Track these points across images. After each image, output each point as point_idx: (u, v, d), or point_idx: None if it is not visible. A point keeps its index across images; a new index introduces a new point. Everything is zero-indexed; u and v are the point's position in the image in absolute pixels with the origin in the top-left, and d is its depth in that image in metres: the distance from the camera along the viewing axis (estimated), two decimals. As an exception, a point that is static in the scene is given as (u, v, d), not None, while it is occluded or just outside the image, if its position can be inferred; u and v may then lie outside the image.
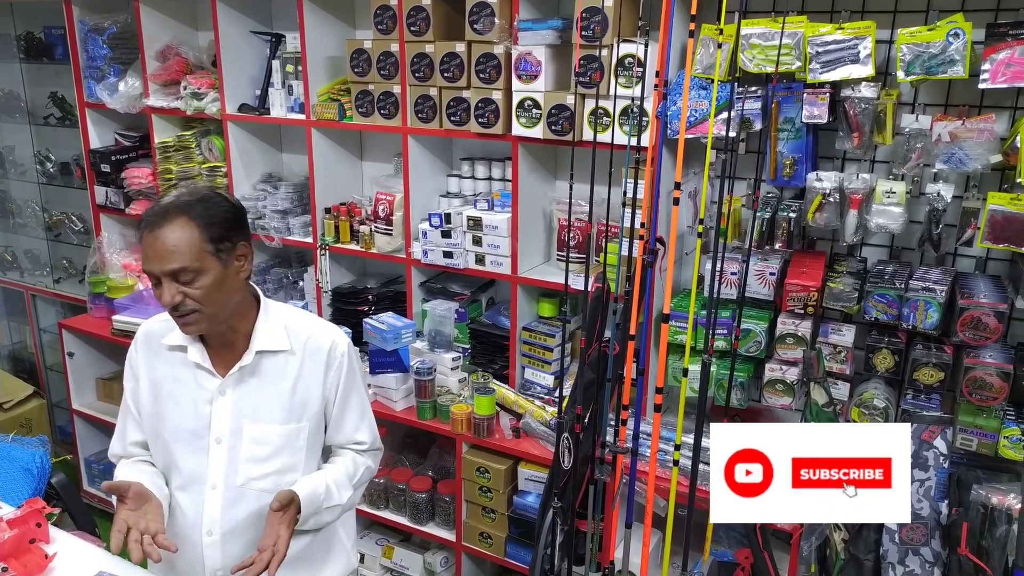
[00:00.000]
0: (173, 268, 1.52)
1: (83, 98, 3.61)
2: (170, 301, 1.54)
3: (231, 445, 1.67)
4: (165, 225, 1.52)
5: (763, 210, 2.31)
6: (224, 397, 1.67)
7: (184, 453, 1.68)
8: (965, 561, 1.92)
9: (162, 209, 1.54)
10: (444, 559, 2.93)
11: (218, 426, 1.67)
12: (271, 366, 1.68)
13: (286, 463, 1.70)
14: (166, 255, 1.51)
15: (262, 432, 1.67)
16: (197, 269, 1.53)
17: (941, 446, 1.98)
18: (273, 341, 1.68)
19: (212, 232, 1.55)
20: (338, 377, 1.73)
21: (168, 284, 1.53)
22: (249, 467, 1.68)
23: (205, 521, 1.68)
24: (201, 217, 1.54)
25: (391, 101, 2.80)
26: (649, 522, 2.27)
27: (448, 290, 2.97)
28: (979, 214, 2.06)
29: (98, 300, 3.67)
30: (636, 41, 2.27)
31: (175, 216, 1.53)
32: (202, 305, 1.56)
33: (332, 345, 1.72)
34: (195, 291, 1.54)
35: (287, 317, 1.73)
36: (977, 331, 2.06)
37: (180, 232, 1.52)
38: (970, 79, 2.00)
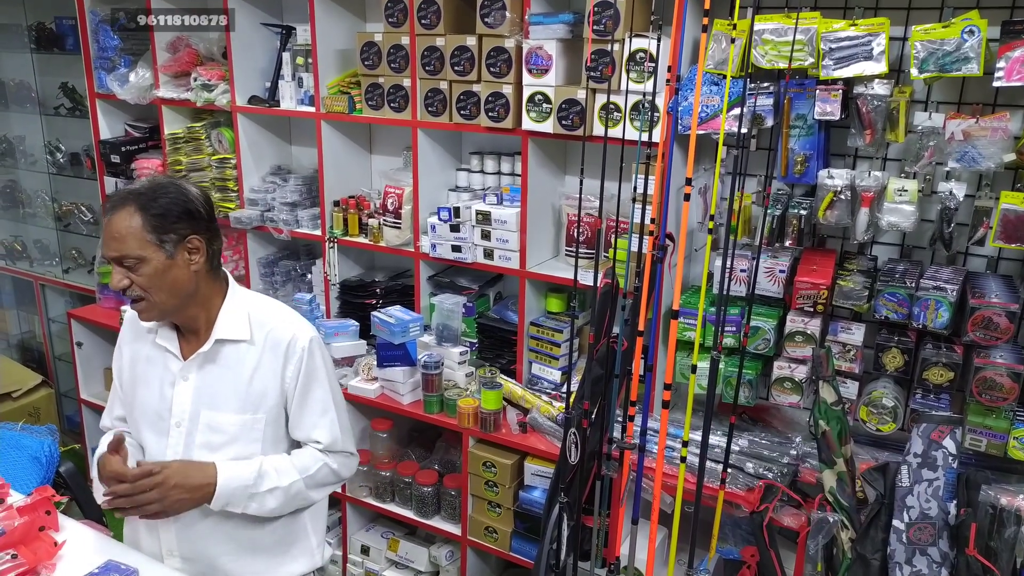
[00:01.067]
0: (116, 255, 1.59)
1: (93, 89, 3.62)
2: (116, 285, 1.61)
3: (188, 430, 1.71)
4: (115, 212, 1.59)
5: (774, 207, 2.30)
6: (186, 382, 1.71)
7: (148, 433, 1.74)
8: (973, 562, 1.91)
9: (118, 196, 1.61)
10: (449, 553, 2.94)
11: (178, 410, 1.71)
12: (231, 355, 1.71)
13: (240, 452, 1.72)
14: (111, 241, 1.59)
15: (217, 420, 1.70)
16: (139, 257, 1.59)
17: (950, 446, 1.97)
18: (233, 330, 1.70)
19: (155, 222, 1.59)
20: (296, 372, 1.73)
21: (116, 269, 1.61)
22: (203, 454, 1.70)
23: None
24: (147, 208, 1.59)
25: (401, 94, 2.80)
26: (655, 518, 2.27)
27: (456, 284, 2.97)
28: (992, 213, 2.04)
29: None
30: (648, 36, 2.26)
31: (124, 204, 1.59)
32: (147, 292, 1.61)
33: (292, 339, 1.72)
34: (139, 278, 1.60)
35: (253, 307, 1.74)
36: (988, 331, 2.05)
37: (126, 220, 1.59)
38: (984, 77, 1.98)
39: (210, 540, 1.74)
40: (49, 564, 1.66)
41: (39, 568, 1.64)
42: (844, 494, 2.10)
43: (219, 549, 1.75)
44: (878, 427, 2.25)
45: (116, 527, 1.94)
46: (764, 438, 2.41)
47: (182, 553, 1.75)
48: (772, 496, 2.21)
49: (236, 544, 1.76)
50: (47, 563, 1.66)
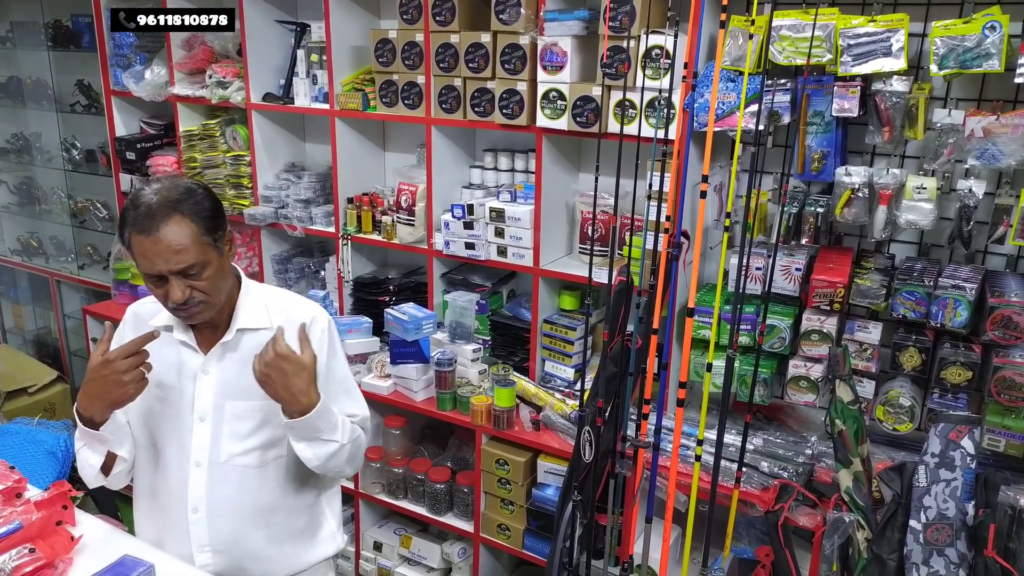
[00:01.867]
0: (182, 267, 1.55)
1: (109, 86, 3.64)
2: (181, 298, 1.57)
3: (214, 422, 1.71)
4: (162, 226, 1.53)
5: (790, 205, 2.28)
6: (207, 376, 1.71)
7: (169, 431, 1.73)
8: (991, 563, 1.89)
9: (150, 210, 1.53)
10: (462, 550, 2.94)
11: (201, 404, 1.71)
12: (252, 343, 1.71)
13: (268, 438, 1.73)
14: (171, 255, 1.53)
15: (243, 408, 1.71)
16: (203, 262, 1.57)
17: (968, 446, 1.95)
18: (254, 319, 1.72)
19: (208, 224, 1.58)
20: (319, 352, 1.74)
21: (177, 282, 1.56)
22: (232, 443, 1.71)
23: (190, 498, 1.72)
24: (195, 212, 1.56)
25: (415, 91, 2.80)
26: (669, 517, 2.26)
27: (469, 281, 2.96)
28: (1012, 211, 2.02)
29: (122, 287, 3.70)
30: (665, 32, 2.25)
31: (168, 214, 1.53)
32: (208, 296, 1.61)
33: (312, 320, 1.75)
34: (202, 283, 1.59)
35: (267, 296, 1.77)
36: (1007, 330, 2.02)
37: (180, 230, 1.54)
38: (1006, 73, 1.96)
39: (241, 531, 1.75)
40: (66, 558, 1.67)
41: (56, 562, 1.65)
42: (860, 494, 2.09)
43: (250, 539, 1.76)
44: (895, 427, 2.24)
45: (131, 523, 1.94)
46: (779, 437, 2.40)
47: (214, 546, 1.74)
48: (787, 495, 2.20)
49: (265, 533, 1.78)
50: (64, 557, 1.67)
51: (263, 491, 1.76)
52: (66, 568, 1.66)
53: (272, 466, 1.76)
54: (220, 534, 1.74)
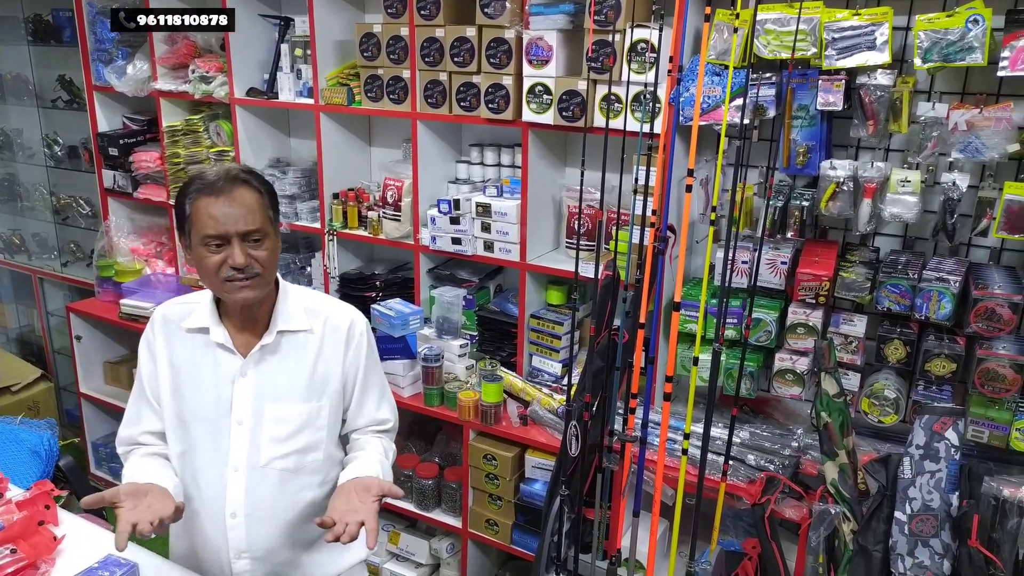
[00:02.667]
0: (249, 228, 1.57)
1: (91, 81, 3.60)
2: (243, 260, 1.56)
3: (253, 426, 1.67)
4: (235, 189, 1.56)
5: (776, 198, 2.28)
6: (245, 378, 1.68)
7: (205, 436, 1.69)
8: (975, 553, 1.91)
9: (219, 177, 1.57)
10: (450, 545, 2.94)
11: (240, 407, 1.67)
12: (291, 345, 1.70)
13: (308, 441, 1.71)
14: (240, 217, 1.56)
15: (283, 411, 1.69)
16: (265, 233, 1.59)
17: (953, 438, 1.96)
18: (294, 321, 1.70)
19: (270, 200, 1.62)
20: (358, 356, 1.75)
21: (240, 245, 1.56)
22: (271, 447, 1.68)
23: (228, 503, 1.68)
24: (263, 185, 1.61)
25: (400, 86, 2.78)
26: (657, 511, 2.27)
27: (456, 277, 2.96)
28: (995, 204, 2.03)
29: (106, 284, 3.67)
30: (650, 26, 2.24)
31: (240, 182, 1.58)
32: (264, 269, 1.60)
33: (351, 324, 1.75)
34: (261, 253, 1.59)
35: (306, 298, 1.76)
36: (991, 322, 2.04)
37: (249, 195, 1.58)
38: (988, 66, 1.97)
39: (279, 535, 1.73)
40: (48, 559, 1.66)
41: (38, 563, 1.64)
42: (846, 486, 2.10)
43: (287, 543, 1.74)
44: (880, 419, 2.25)
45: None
46: (766, 430, 2.41)
47: (252, 552, 1.71)
48: (774, 488, 2.21)
49: (303, 536, 1.76)
50: (46, 558, 1.66)
51: (300, 494, 1.73)
52: (48, 568, 1.64)
53: (307, 469, 1.73)
54: (258, 539, 1.70)
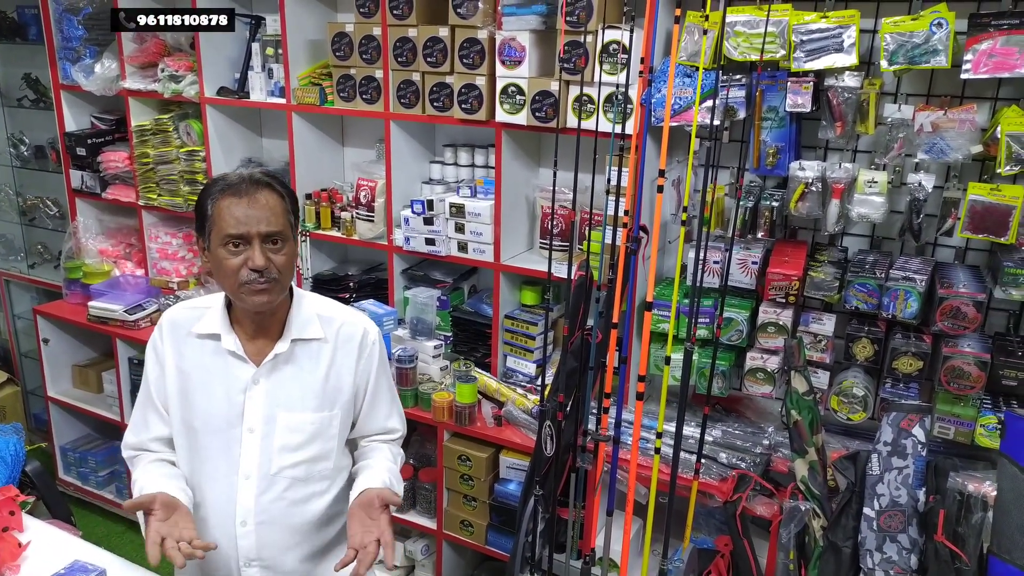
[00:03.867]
0: (272, 230, 1.55)
1: (58, 80, 3.54)
2: (263, 262, 1.54)
3: (264, 434, 1.65)
4: (259, 190, 1.56)
5: (746, 199, 2.31)
6: (257, 386, 1.65)
7: (215, 443, 1.66)
8: (941, 547, 1.94)
9: (243, 179, 1.57)
10: (425, 547, 2.93)
11: (251, 415, 1.65)
12: (305, 354, 1.68)
13: (319, 451, 1.70)
14: (262, 218, 1.55)
15: (296, 420, 1.67)
16: (285, 237, 1.59)
17: (919, 434, 2.00)
18: (308, 329, 1.68)
19: (292, 206, 1.62)
20: (370, 365, 1.74)
21: (260, 246, 1.55)
22: (283, 456, 1.66)
23: (239, 511, 1.66)
24: (284, 189, 1.61)
25: (373, 86, 2.77)
26: (630, 510, 2.28)
27: (430, 277, 2.95)
28: (959, 204, 2.07)
29: (73, 286, 3.61)
30: (621, 27, 2.26)
31: (263, 185, 1.57)
32: (281, 275, 1.59)
33: (364, 333, 1.74)
34: (280, 258, 1.58)
35: (319, 306, 1.74)
36: (956, 320, 2.07)
37: (273, 198, 1.57)
38: (952, 69, 2.01)
39: (290, 543, 1.71)
40: (13, 565, 1.63)
41: (3, 569, 1.61)
42: (816, 483, 2.13)
43: (298, 552, 1.72)
44: (849, 416, 2.28)
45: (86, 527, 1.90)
46: (737, 428, 2.43)
47: (262, 560, 1.69)
48: (745, 486, 2.23)
49: (313, 544, 1.74)
50: (11, 564, 1.63)
51: (310, 502, 1.71)
52: (13, 575, 1.61)
53: (317, 477, 1.71)
54: (268, 547, 1.68)
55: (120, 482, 3.64)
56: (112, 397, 3.54)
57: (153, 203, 3.40)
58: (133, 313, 3.34)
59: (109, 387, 3.57)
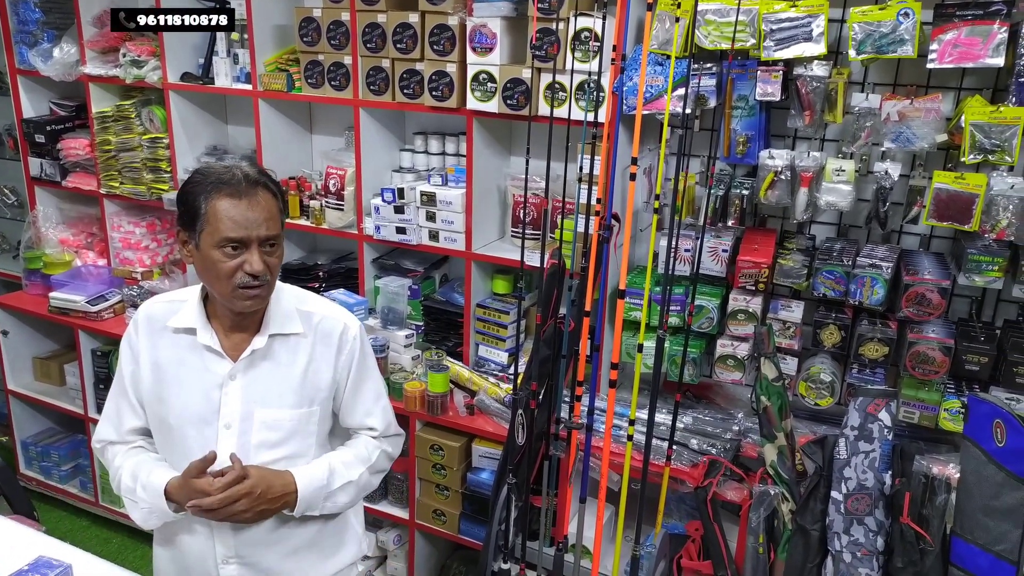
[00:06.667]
0: (271, 234, 1.52)
1: (14, 64, 3.44)
2: (261, 267, 1.51)
3: (241, 431, 1.62)
4: (257, 191, 1.51)
5: (717, 187, 2.32)
6: (234, 382, 1.62)
7: (191, 439, 1.63)
8: (907, 529, 1.98)
9: (246, 177, 1.52)
10: (397, 537, 2.92)
11: (228, 412, 1.62)
12: (283, 349, 1.65)
13: (297, 448, 1.67)
14: (262, 222, 1.51)
15: (274, 417, 1.64)
16: (278, 240, 1.56)
17: (885, 419, 2.03)
18: (286, 324, 1.65)
19: (283, 205, 1.58)
20: (349, 361, 1.71)
21: (258, 251, 1.51)
22: (261, 453, 1.64)
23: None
24: (277, 187, 1.56)
25: (342, 72, 2.73)
26: (603, 497, 2.29)
27: (401, 267, 2.93)
28: (925, 192, 2.10)
29: (34, 276, 3.53)
30: (593, 15, 2.25)
31: (259, 186, 1.52)
32: (272, 278, 1.56)
33: (344, 329, 1.70)
34: (274, 260, 1.56)
35: (298, 300, 1.70)
36: (921, 307, 2.11)
37: (269, 201, 1.53)
38: (919, 59, 2.03)
39: (269, 541, 1.68)
40: (-25, 562, 1.59)
41: (-36, 567, 1.57)
42: (785, 467, 2.16)
43: (278, 549, 1.70)
44: (816, 402, 2.31)
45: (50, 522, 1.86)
46: (708, 415, 2.45)
47: (241, 558, 1.67)
48: (716, 471, 2.25)
49: (293, 542, 1.71)
50: (-27, 562, 1.59)
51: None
52: (-25, 573, 1.57)
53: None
54: (246, 544, 1.67)
55: (84, 476, 3.57)
56: (75, 390, 3.46)
57: (115, 191, 3.32)
58: (95, 304, 3.27)
59: (72, 379, 3.49)
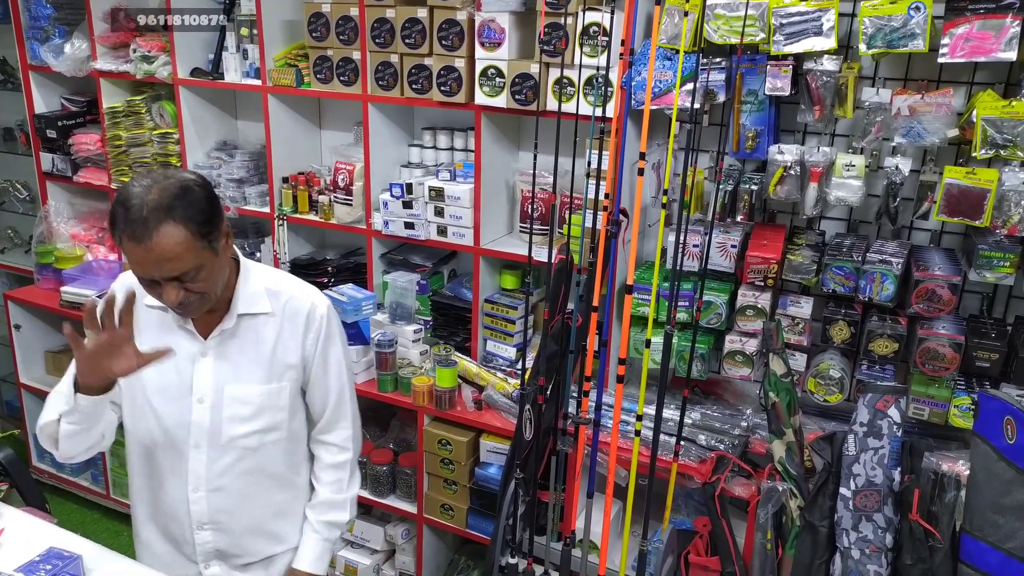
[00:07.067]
0: (176, 275, 1.49)
1: (26, 60, 3.46)
2: (175, 301, 1.51)
3: (213, 405, 1.68)
4: (153, 234, 1.43)
5: (725, 182, 2.31)
6: (206, 358, 1.68)
7: (167, 413, 1.69)
8: (916, 526, 1.97)
9: (142, 217, 1.43)
10: (405, 531, 2.93)
11: (200, 387, 1.68)
12: (251, 328, 1.70)
13: (269, 422, 1.73)
14: (163, 263, 1.46)
15: (244, 392, 1.69)
16: (198, 266, 1.50)
17: (895, 415, 2.03)
18: (254, 304, 1.69)
19: (203, 229, 1.49)
20: (316, 339, 1.75)
21: (171, 286, 1.50)
22: (233, 426, 1.70)
23: (191, 479, 1.71)
24: (188, 217, 1.46)
25: (351, 67, 2.73)
26: (610, 492, 2.29)
27: (409, 262, 2.93)
28: (935, 188, 2.09)
29: (45, 271, 3.55)
30: (602, 9, 2.24)
31: (160, 222, 1.43)
32: (204, 294, 1.56)
33: (311, 307, 1.74)
34: (197, 284, 1.52)
35: (267, 280, 1.74)
36: (931, 303, 2.10)
37: (173, 239, 1.44)
38: (930, 53, 2.02)
39: (241, 508, 1.75)
40: (-13, 553, 1.61)
41: (-23, 558, 1.59)
42: (793, 463, 2.15)
43: (250, 515, 1.77)
44: (825, 398, 2.31)
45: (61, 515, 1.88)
46: (716, 411, 2.45)
47: (215, 525, 1.74)
48: (724, 467, 2.25)
49: (265, 509, 1.78)
50: (-15, 552, 1.60)
51: (263, 469, 1.76)
52: (-13, 564, 1.59)
53: (270, 446, 1.75)
54: (220, 512, 1.73)
55: (95, 469, 3.60)
56: (86, 384, 3.48)
57: (126, 186, 3.34)
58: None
59: (83, 374, 3.52)
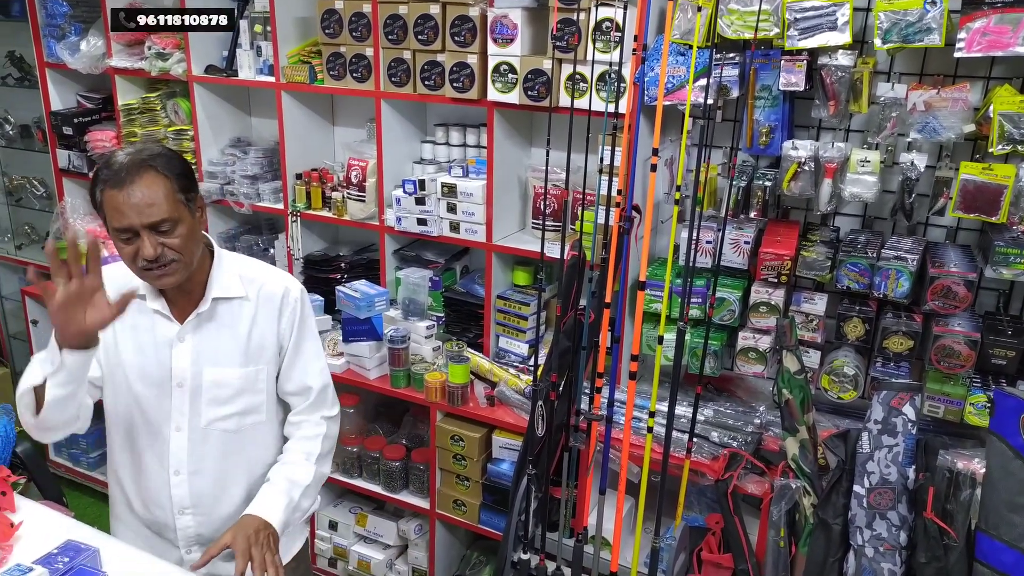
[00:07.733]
0: (155, 220, 1.53)
1: (42, 58, 3.49)
2: (153, 253, 1.54)
3: (192, 388, 1.72)
4: (137, 180, 1.52)
5: (739, 178, 2.30)
6: (183, 343, 1.71)
7: (147, 397, 1.72)
8: (930, 524, 1.96)
9: (124, 166, 1.53)
10: (418, 527, 2.94)
11: (179, 371, 1.71)
12: (227, 312, 1.73)
13: (248, 404, 1.77)
14: (144, 208, 1.52)
15: (222, 375, 1.73)
16: (176, 219, 1.56)
17: (910, 413, 2.01)
18: (229, 288, 1.73)
19: (181, 183, 1.58)
20: (291, 322, 1.79)
21: (148, 237, 1.54)
22: (212, 409, 1.74)
23: (171, 462, 1.74)
24: (168, 168, 1.56)
25: (363, 64, 2.74)
26: (623, 488, 2.29)
27: (422, 258, 2.94)
28: (951, 184, 2.07)
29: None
30: (614, 4, 2.23)
31: (143, 170, 1.53)
32: (180, 255, 1.59)
33: (285, 292, 1.78)
34: (174, 240, 1.57)
35: (240, 266, 1.78)
36: (947, 300, 2.08)
37: (155, 185, 1.53)
38: (946, 48, 2.00)
39: (222, 491, 1.78)
40: (5, 545, 1.63)
41: (-5, 550, 1.61)
42: (806, 461, 2.14)
43: (230, 498, 1.79)
44: (839, 395, 2.29)
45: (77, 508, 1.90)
46: (729, 407, 2.44)
47: (196, 508, 1.76)
48: (736, 464, 2.24)
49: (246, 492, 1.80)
50: (3, 544, 1.62)
51: (243, 452, 1.79)
52: (5, 556, 1.61)
53: (250, 429, 1.79)
54: (201, 496, 1.76)
55: (111, 463, 3.63)
56: (102, 379, 3.52)
57: (141, 183, 3.36)
58: (122, 294, 3.31)
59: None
